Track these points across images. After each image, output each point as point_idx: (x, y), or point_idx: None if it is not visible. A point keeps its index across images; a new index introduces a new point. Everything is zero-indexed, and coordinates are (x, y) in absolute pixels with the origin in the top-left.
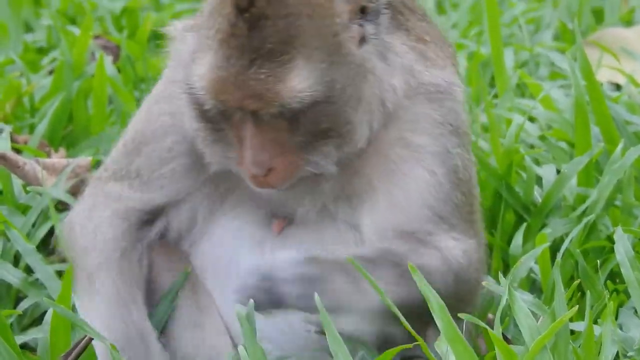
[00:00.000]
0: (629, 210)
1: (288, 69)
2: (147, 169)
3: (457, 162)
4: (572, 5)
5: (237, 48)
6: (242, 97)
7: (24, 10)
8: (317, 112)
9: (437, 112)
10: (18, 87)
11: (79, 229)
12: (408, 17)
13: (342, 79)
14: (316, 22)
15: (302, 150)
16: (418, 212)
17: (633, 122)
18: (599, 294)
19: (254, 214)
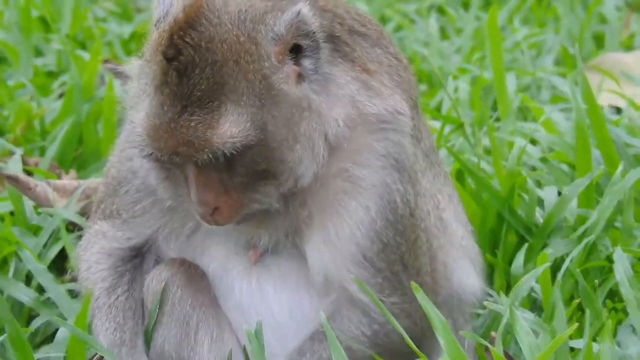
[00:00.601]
0: (629, 231)
1: (217, 115)
2: (124, 210)
3: (396, 198)
4: (573, 30)
5: (169, 96)
6: (176, 145)
7: (34, 35)
8: (251, 154)
9: (379, 144)
10: (29, 111)
11: (81, 264)
12: (354, 47)
13: (274, 121)
14: (243, 68)
15: (243, 189)
16: (345, 249)
17: (633, 144)
18: (598, 312)
19: (231, 242)
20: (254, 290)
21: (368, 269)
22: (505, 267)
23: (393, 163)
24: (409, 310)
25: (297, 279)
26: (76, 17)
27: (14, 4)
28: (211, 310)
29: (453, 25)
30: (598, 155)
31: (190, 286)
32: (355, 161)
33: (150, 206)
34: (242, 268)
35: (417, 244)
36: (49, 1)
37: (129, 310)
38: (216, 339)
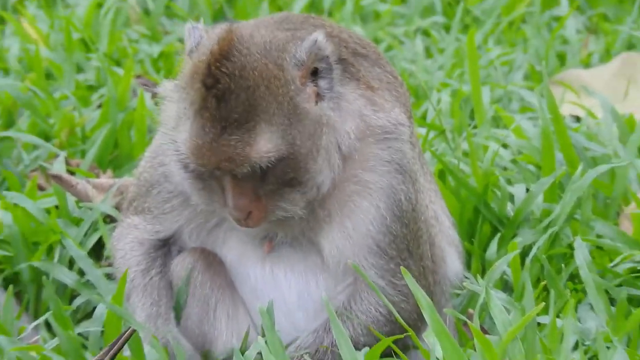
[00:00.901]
0: (587, 223)
1: (253, 134)
2: (155, 207)
3: (400, 197)
4: (539, 50)
5: (209, 119)
6: (218, 161)
7: (76, 54)
8: (282, 166)
9: (385, 152)
10: (71, 119)
11: (116, 252)
12: (359, 68)
13: (300, 136)
14: (273, 91)
15: (273, 197)
16: (362, 242)
17: (591, 148)
18: (561, 292)
19: (247, 235)
20: (267, 276)
21: (382, 257)
22: (481, 254)
23: (397, 167)
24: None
25: (304, 266)
26: (112, 39)
27: (58, 27)
28: (228, 292)
29: (436, 45)
30: (561, 157)
31: (209, 271)
32: (364, 168)
33: (178, 205)
34: (257, 257)
35: (418, 234)
36: (89, 25)
37: (163, 288)
38: (232, 317)
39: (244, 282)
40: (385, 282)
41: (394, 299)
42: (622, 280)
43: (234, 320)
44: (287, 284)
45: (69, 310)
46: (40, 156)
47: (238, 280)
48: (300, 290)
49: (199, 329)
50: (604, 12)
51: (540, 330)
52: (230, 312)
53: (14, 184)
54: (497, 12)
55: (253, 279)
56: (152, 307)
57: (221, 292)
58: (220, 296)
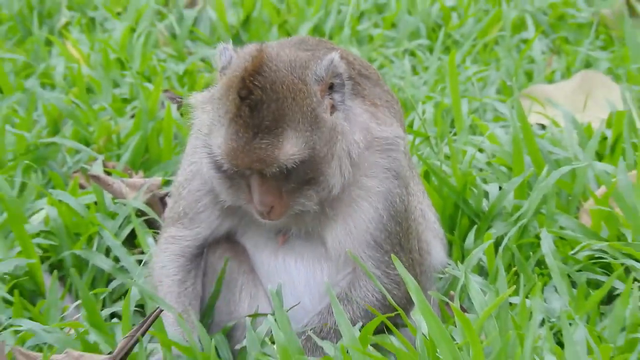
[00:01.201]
0: (552, 217)
1: (281, 139)
2: (188, 208)
3: (396, 199)
4: (510, 68)
5: (242, 125)
6: (250, 162)
7: (112, 72)
8: (303, 167)
9: (385, 160)
10: (108, 127)
11: (156, 264)
12: (364, 86)
13: (320, 142)
14: (298, 103)
15: (293, 194)
16: (361, 237)
17: (554, 152)
18: (529, 276)
19: (265, 231)
20: (279, 264)
21: (378, 250)
22: (460, 243)
23: (394, 174)
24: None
25: (311, 256)
26: (144, 59)
27: (98, 49)
28: (250, 277)
29: (421, 64)
30: (529, 160)
31: (235, 259)
32: (367, 174)
33: (210, 203)
34: (272, 248)
35: (409, 231)
36: (124, 47)
37: (194, 299)
38: (253, 297)
39: (260, 269)
40: (381, 272)
41: (388, 287)
42: (582, 266)
43: (254, 300)
44: (297, 271)
45: (105, 292)
46: (81, 159)
47: (257, 267)
48: (307, 277)
49: (226, 308)
50: (565, 35)
51: (511, 309)
52: (252, 293)
53: (58, 183)
54: (473, 36)
55: (267, 266)
56: (183, 314)
57: (245, 276)
58: (245, 280)
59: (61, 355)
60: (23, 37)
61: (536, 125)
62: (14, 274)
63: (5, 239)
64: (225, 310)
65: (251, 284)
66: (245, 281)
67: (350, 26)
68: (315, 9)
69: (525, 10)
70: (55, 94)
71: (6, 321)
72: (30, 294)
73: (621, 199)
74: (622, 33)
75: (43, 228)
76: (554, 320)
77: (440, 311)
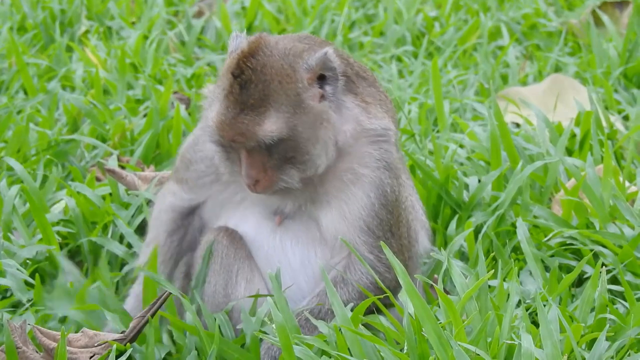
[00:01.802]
0: (526, 207)
1: (263, 117)
2: (191, 180)
3: (387, 189)
4: (487, 72)
5: (232, 101)
6: (233, 135)
7: (127, 75)
8: (284, 146)
9: (376, 151)
10: (123, 125)
11: (154, 210)
12: (358, 85)
13: (302, 125)
14: (284, 86)
15: (276, 170)
16: (354, 223)
17: (528, 148)
18: (506, 261)
19: (262, 211)
20: (277, 245)
21: (371, 236)
22: (443, 231)
23: (385, 165)
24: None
25: (306, 238)
26: (156, 63)
27: (114, 55)
28: (247, 262)
29: (407, 69)
30: (505, 155)
31: (232, 245)
32: (360, 163)
33: (209, 182)
34: (269, 229)
35: (399, 219)
36: (138, 52)
37: (177, 254)
38: (249, 281)
39: (258, 250)
40: (374, 256)
41: (380, 270)
42: (554, 252)
43: (251, 284)
44: (292, 252)
45: (119, 276)
46: (98, 154)
47: (254, 249)
48: (302, 258)
49: (223, 291)
50: (537, 43)
51: (490, 291)
52: (248, 277)
53: (77, 176)
54: (454, 43)
55: (266, 247)
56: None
57: (241, 261)
58: (241, 265)
59: (78, 334)
60: (46, 44)
61: (511, 123)
62: (35, 259)
63: (28, 227)
64: (222, 294)
65: (247, 269)
66: (242, 266)
67: (343, 34)
68: (311, 18)
69: (501, 20)
70: (75, 95)
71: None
72: (50, 278)
73: (589, 191)
74: (589, 41)
75: (62, 217)
76: (529, 302)
77: (425, 293)
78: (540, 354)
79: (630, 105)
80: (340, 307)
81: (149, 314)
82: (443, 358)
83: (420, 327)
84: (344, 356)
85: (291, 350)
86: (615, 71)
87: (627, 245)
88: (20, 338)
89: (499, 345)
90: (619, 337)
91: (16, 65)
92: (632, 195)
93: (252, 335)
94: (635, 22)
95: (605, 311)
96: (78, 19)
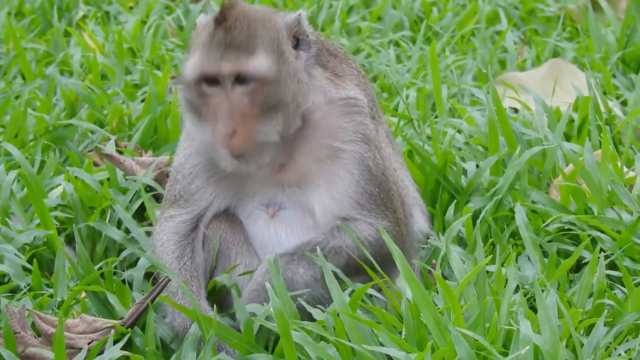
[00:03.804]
0: (524, 192)
1: (252, 53)
2: (183, 190)
3: (369, 163)
4: (485, 57)
5: (217, 43)
6: (221, 67)
7: (125, 60)
8: (268, 90)
9: (349, 124)
10: (121, 110)
11: (156, 242)
12: (328, 60)
13: (285, 73)
14: (268, 29)
15: (257, 120)
16: (344, 201)
17: (526, 133)
18: (504, 247)
19: (256, 204)
20: (272, 235)
21: (363, 209)
22: (442, 216)
23: (361, 137)
24: (394, 228)
25: (300, 227)
26: (153, 48)
27: (112, 39)
28: (245, 246)
29: (405, 54)
30: (503, 140)
31: (231, 230)
32: (336, 138)
33: (201, 184)
34: (264, 220)
35: (390, 192)
36: (136, 37)
37: (194, 271)
38: (248, 265)
39: (255, 239)
40: (372, 228)
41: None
42: (552, 237)
43: (250, 268)
44: (287, 241)
45: (117, 261)
46: (95, 139)
47: (250, 239)
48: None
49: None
50: (535, 28)
51: (488, 277)
52: (247, 262)
53: (75, 161)
54: (452, 28)
55: (261, 236)
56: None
57: (240, 246)
58: (240, 249)
59: (76, 319)
60: (44, 29)
61: (509, 109)
62: (33, 244)
63: (26, 212)
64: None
65: (246, 253)
66: (240, 251)
67: (340, 19)
68: (308, 3)
69: (499, 5)
70: (73, 80)
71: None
72: (48, 263)
73: (587, 176)
74: (587, 26)
75: (60, 202)
76: (527, 287)
77: (423, 278)
78: (539, 340)
79: (629, 90)
80: (339, 292)
81: (148, 299)
82: (441, 343)
83: (419, 312)
84: (342, 342)
85: (289, 336)
86: (614, 56)
87: (625, 231)
88: (19, 323)
89: (497, 330)
90: (617, 322)
91: (14, 50)
92: (630, 181)
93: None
94: (633, 6)
95: (603, 297)
96: (76, 3)
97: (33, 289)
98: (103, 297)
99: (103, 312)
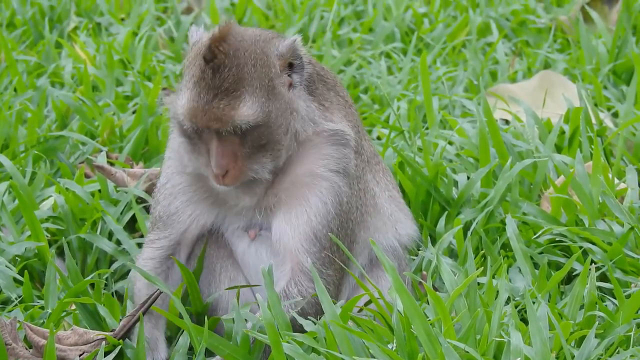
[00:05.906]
0: (515, 204)
1: (239, 101)
2: (163, 211)
3: (343, 198)
4: (476, 69)
5: (204, 87)
6: (208, 121)
7: (116, 71)
8: (258, 132)
9: (334, 155)
10: (112, 122)
11: (136, 263)
12: (317, 86)
13: (276, 111)
14: (257, 70)
15: (247, 159)
16: (302, 230)
17: (517, 145)
18: (495, 258)
19: (237, 228)
20: (252, 255)
21: (317, 245)
22: (432, 228)
23: (342, 170)
24: (336, 281)
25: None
26: (145, 59)
27: (103, 51)
28: (229, 262)
29: (396, 65)
30: (494, 152)
31: (215, 244)
32: (319, 165)
33: (181, 204)
34: (246, 242)
35: (347, 232)
36: (127, 49)
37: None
38: (232, 280)
39: (237, 259)
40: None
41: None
42: (543, 249)
43: (234, 282)
44: (268, 260)
45: (108, 273)
46: (87, 151)
47: (234, 256)
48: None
49: (207, 289)
50: (526, 39)
51: (479, 288)
52: (231, 276)
53: (66, 172)
54: (443, 39)
55: (242, 256)
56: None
57: (224, 260)
58: (224, 264)
59: (67, 331)
60: (35, 40)
61: (500, 120)
62: (24, 255)
63: (17, 223)
64: (206, 292)
65: (230, 267)
66: (224, 265)
67: (332, 30)
68: (300, 15)
69: (490, 16)
70: (64, 92)
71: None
72: (39, 275)
73: (578, 188)
74: (578, 37)
75: (51, 214)
76: (518, 299)
77: (414, 290)
78: (530, 351)
79: (620, 101)
80: (329, 304)
81: (139, 311)
82: (432, 355)
83: (410, 324)
84: (333, 353)
85: (280, 348)
86: (605, 68)
87: (616, 243)
88: (10, 335)
89: (488, 342)
90: (608, 334)
91: (5, 61)
92: (621, 192)
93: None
94: (624, 18)
95: (594, 308)
96: (67, 15)
97: (24, 301)
98: (93, 309)
99: (93, 325)
